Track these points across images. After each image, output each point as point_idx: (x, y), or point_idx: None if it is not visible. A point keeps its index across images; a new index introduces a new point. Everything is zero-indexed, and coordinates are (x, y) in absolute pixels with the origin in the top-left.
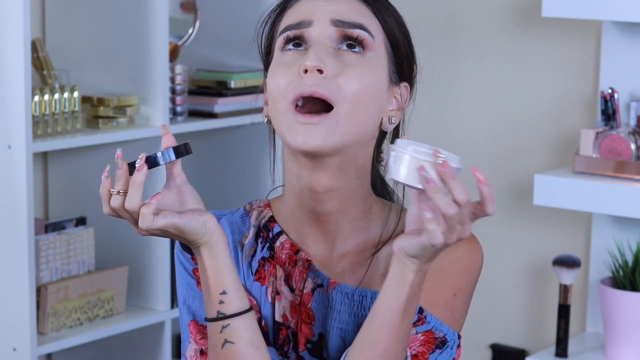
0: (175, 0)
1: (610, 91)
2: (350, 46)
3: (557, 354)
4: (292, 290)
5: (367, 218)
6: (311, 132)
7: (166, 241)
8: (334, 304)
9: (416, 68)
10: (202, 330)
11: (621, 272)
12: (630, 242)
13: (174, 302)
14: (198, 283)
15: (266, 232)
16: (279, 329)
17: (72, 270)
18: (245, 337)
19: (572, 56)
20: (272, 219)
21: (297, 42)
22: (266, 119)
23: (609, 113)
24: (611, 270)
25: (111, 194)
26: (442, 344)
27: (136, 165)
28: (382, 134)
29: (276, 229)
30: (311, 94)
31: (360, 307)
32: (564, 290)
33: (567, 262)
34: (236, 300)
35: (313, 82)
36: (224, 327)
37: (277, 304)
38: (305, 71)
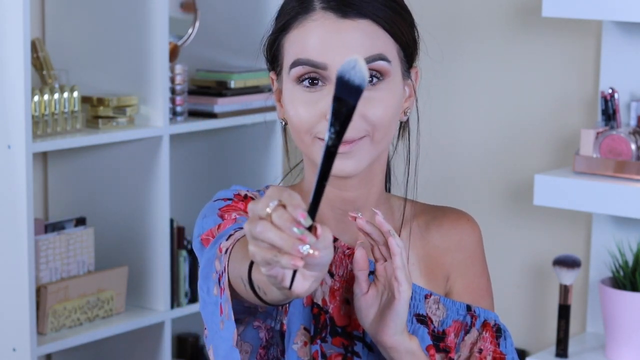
0: (175, 0)
1: (610, 91)
2: (369, 80)
3: (557, 354)
4: (331, 275)
5: (388, 202)
6: (343, 162)
7: (166, 241)
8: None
9: (418, 43)
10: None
11: (621, 272)
12: (630, 242)
13: (174, 302)
14: (221, 213)
15: None
16: (319, 314)
17: (71, 270)
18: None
19: (572, 56)
20: None
21: (313, 79)
22: (283, 122)
23: (609, 113)
24: (611, 271)
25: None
26: (498, 331)
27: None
28: None
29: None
30: (342, 142)
31: (412, 297)
32: (564, 290)
33: (567, 262)
34: None
35: None
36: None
37: (318, 287)
38: None
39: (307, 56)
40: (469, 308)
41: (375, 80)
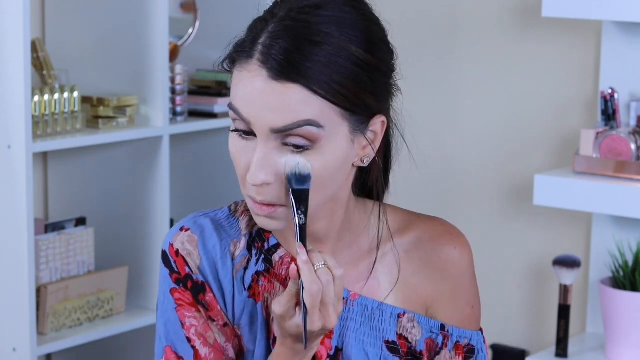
0: (175, 0)
1: (610, 91)
2: (297, 147)
3: (557, 354)
4: None
5: (352, 228)
6: (267, 221)
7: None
8: (355, 315)
9: (393, 90)
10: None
11: (621, 273)
12: (630, 243)
13: None
14: (178, 307)
15: (260, 242)
16: None
17: (72, 270)
18: None
19: (572, 56)
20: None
21: (243, 130)
22: None
23: (609, 113)
24: (611, 271)
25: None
26: (470, 352)
27: None
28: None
29: (272, 241)
30: (262, 203)
31: (381, 321)
32: (564, 290)
33: (567, 262)
34: None
35: (259, 194)
36: None
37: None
38: None
39: (237, 105)
40: (442, 327)
41: (302, 147)
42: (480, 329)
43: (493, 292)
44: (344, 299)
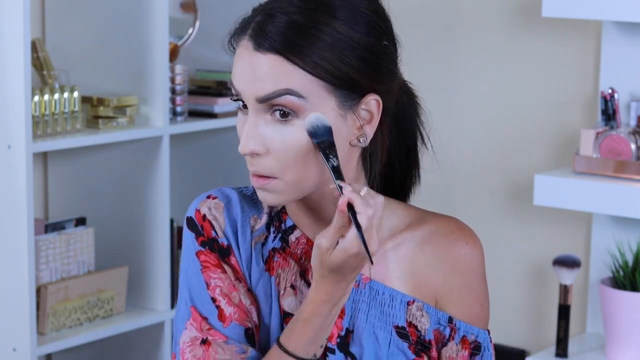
0: (175, 0)
1: (610, 91)
2: (283, 115)
3: (557, 354)
4: (308, 285)
5: None
6: (263, 194)
7: (166, 241)
8: (366, 298)
9: (389, 71)
10: (204, 320)
11: (621, 273)
12: (630, 243)
13: (173, 302)
14: (203, 269)
15: (278, 222)
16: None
17: (72, 270)
18: None
19: (572, 56)
20: (283, 210)
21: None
22: None
23: (609, 113)
24: (611, 271)
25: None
26: (476, 349)
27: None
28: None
29: (289, 222)
30: (255, 174)
31: (391, 306)
32: (564, 290)
33: (567, 262)
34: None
35: (252, 165)
36: None
37: (292, 298)
38: None
39: (233, 80)
40: (450, 320)
41: (287, 115)
42: (488, 330)
43: (493, 292)
44: (356, 282)
